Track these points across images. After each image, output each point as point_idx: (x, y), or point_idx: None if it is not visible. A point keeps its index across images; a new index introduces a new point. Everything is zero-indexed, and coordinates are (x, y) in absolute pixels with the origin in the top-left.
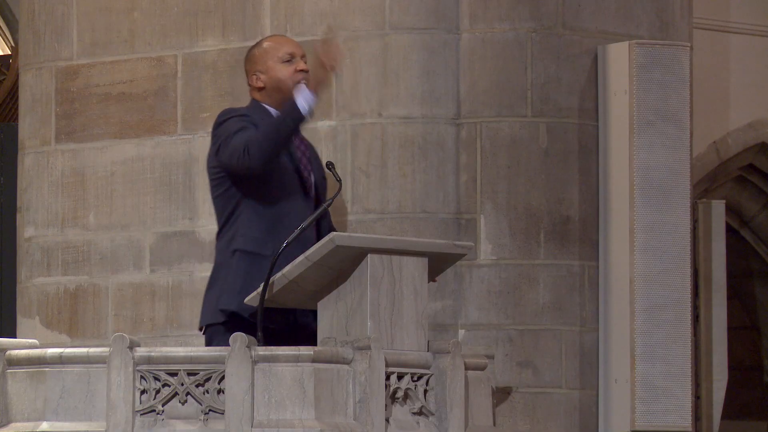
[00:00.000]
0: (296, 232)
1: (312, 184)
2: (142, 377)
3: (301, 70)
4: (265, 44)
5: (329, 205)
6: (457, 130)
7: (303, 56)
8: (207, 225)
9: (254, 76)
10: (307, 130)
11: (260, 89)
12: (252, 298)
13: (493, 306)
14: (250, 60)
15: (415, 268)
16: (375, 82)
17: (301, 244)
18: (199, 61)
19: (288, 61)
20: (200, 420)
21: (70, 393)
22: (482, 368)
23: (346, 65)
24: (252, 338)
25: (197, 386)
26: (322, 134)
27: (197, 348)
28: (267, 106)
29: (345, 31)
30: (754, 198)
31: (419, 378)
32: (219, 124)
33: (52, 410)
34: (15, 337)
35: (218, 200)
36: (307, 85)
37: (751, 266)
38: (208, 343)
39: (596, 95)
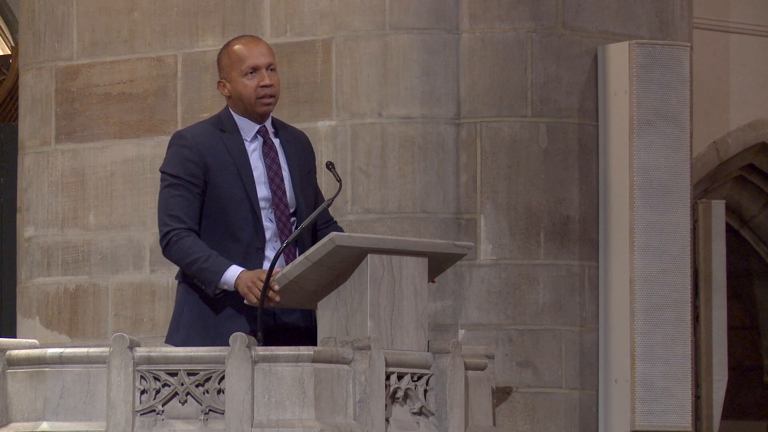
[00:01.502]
0: (296, 232)
1: (281, 189)
2: (142, 377)
3: (264, 85)
4: (232, 51)
5: (329, 205)
6: (457, 130)
7: (269, 66)
8: None
9: (221, 84)
10: (308, 131)
11: (228, 97)
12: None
13: (493, 306)
14: (219, 66)
15: (415, 268)
16: (375, 82)
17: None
18: (199, 61)
19: (251, 73)
20: (200, 420)
21: (70, 393)
22: (482, 368)
23: (346, 65)
24: (252, 338)
25: (197, 386)
26: (322, 134)
27: (197, 348)
28: (235, 115)
29: (345, 31)
30: (754, 198)
31: (419, 378)
32: (168, 146)
33: (52, 410)
34: (15, 337)
35: None
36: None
37: (751, 266)
38: None
39: (596, 95)
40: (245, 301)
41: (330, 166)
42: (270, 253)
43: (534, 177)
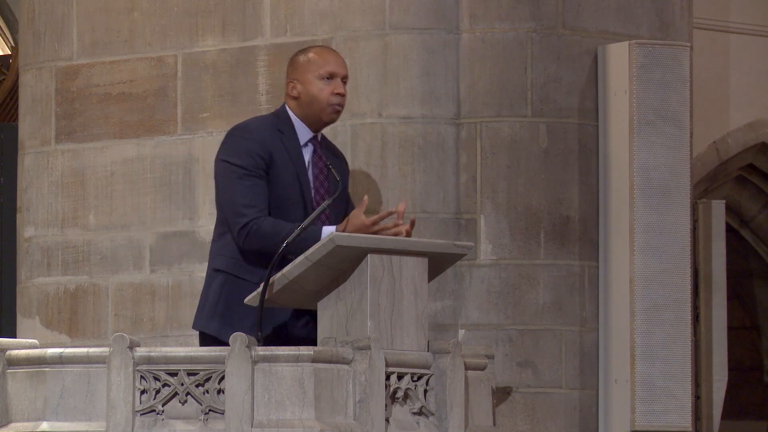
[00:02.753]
0: (296, 232)
1: (323, 199)
2: (142, 377)
3: (338, 94)
4: (311, 54)
5: (328, 206)
6: (457, 130)
7: (345, 77)
8: (207, 225)
9: (291, 84)
10: None
11: (295, 98)
12: (252, 298)
13: (493, 306)
14: (292, 66)
15: (415, 268)
16: (375, 82)
17: None
18: (199, 61)
19: (328, 79)
20: (200, 420)
21: (70, 393)
22: (482, 368)
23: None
24: (252, 338)
25: (197, 386)
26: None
27: (197, 348)
28: (294, 117)
29: (345, 31)
30: (754, 198)
31: (419, 378)
32: (229, 137)
33: (52, 410)
34: (15, 337)
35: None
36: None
37: (751, 266)
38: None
39: (596, 95)
40: (245, 300)
41: (330, 166)
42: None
43: (534, 177)
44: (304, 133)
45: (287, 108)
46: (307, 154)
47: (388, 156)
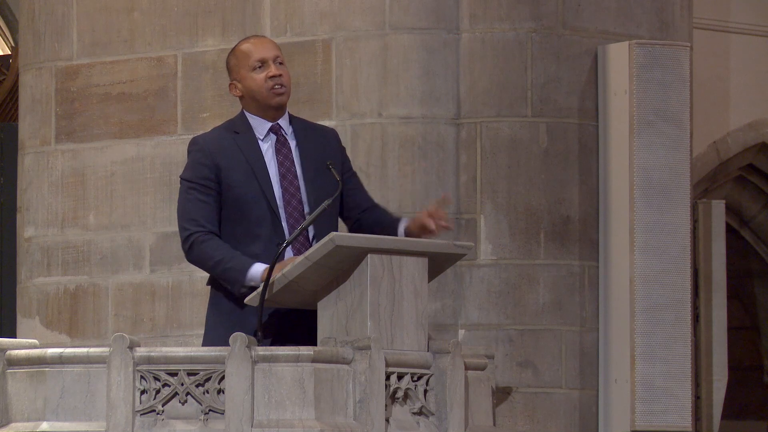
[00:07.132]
0: (296, 232)
1: (293, 186)
2: (142, 377)
3: (272, 76)
4: (238, 51)
5: (328, 206)
6: (457, 130)
7: (276, 58)
8: None
9: (232, 86)
10: None
11: (241, 98)
12: (252, 298)
13: (493, 306)
14: (228, 69)
15: (415, 268)
16: (375, 82)
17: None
18: (199, 61)
19: (259, 68)
20: (200, 420)
21: (70, 393)
22: (482, 368)
23: (346, 65)
24: (252, 338)
25: (197, 386)
26: None
27: (197, 348)
28: (249, 115)
29: (345, 31)
30: (754, 198)
31: (419, 378)
32: (187, 154)
33: (52, 410)
34: (15, 337)
35: None
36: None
37: (751, 266)
38: None
39: (596, 95)
40: (246, 300)
41: (329, 165)
42: (289, 248)
43: (534, 177)
44: (261, 126)
45: (242, 109)
46: (267, 145)
47: (388, 156)
